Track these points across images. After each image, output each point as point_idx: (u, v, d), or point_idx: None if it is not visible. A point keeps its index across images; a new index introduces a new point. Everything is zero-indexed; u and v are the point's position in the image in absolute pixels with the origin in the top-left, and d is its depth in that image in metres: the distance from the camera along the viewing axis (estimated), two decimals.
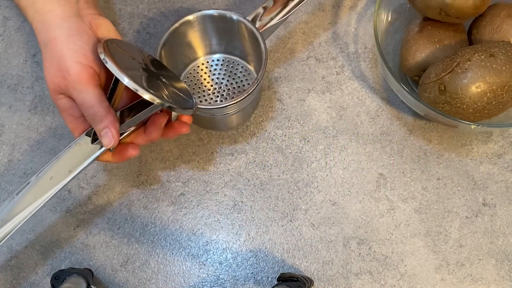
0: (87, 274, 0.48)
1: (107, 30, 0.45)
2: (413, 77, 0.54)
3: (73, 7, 0.44)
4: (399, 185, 0.53)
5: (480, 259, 0.50)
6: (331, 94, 0.57)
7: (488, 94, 0.46)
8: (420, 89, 0.50)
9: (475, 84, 0.46)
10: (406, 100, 0.51)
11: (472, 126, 0.47)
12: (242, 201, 0.53)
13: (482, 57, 0.46)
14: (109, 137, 0.41)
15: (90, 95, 0.41)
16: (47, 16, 0.43)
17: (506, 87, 0.46)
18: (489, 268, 0.50)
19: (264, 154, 0.55)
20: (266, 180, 0.53)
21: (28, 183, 0.42)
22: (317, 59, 0.58)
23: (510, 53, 0.46)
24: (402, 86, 0.48)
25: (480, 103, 0.46)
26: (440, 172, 0.54)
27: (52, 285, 0.46)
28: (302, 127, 0.56)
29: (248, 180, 0.54)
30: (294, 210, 0.52)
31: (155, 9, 0.61)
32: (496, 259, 0.50)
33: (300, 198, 0.53)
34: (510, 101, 0.47)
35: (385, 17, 0.55)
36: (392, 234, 0.51)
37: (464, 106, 0.47)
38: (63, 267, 0.50)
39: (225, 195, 0.53)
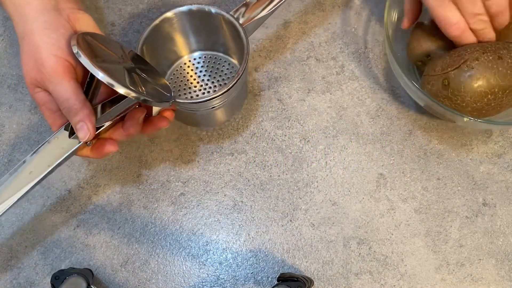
0: (87, 274, 0.48)
1: (86, 24, 0.45)
2: (417, 62, 0.54)
3: (51, 0, 0.44)
4: (399, 185, 0.53)
5: (480, 259, 0.50)
6: (331, 94, 0.57)
7: (489, 96, 0.46)
8: (424, 80, 0.50)
9: (478, 84, 0.46)
10: (407, 88, 0.52)
11: (465, 119, 0.47)
12: (242, 201, 0.53)
13: (490, 58, 0.46)
14: (84, 130, 0.40)
15: (65, 88, 0.41)
16: (25, 9, 0.43)
17: (507, 91, 0.46)
18: (489, 268, 0.50)
19: (264, 154, 0.55)
20: (266, 180, 0.53)
21: (7, 178, 0.42)
22: (317, 59, 0.58)
23: None
24: (405, 76, 0.48)
25: (479, 103, 0.47)
26: (440, 172, 0.54)
27: (52, 285, 0.46)
28: (302, 127, 0.56)
29: (248, 180, 0.54)
30: (294, 210, 0.52)
31: (155, 9, 0.61)
32: (496, 259, 0.50)
33: (300, 198, 0.53)
34: (508, 104, 0.48)
35: (394, 14, 0.55)
36: (392, 234, 0.51)
37: (464, 104, 0.47)
38: (63, 267, 0.50)
39: (225, 195, 0.53)
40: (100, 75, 0.38)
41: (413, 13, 0.53)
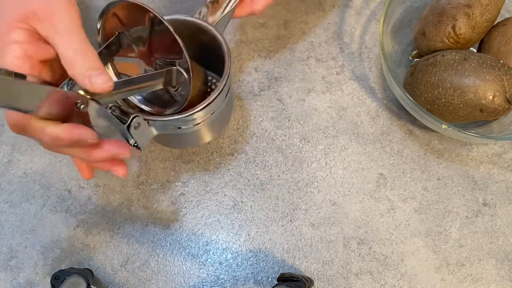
0: (87, 274, 0.48)
1: None
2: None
3: None
4: (399, 185, 0.53)
5: (480, 259, 0.50)
6: (331, 94, 0.57)
7: (440, 90, 0.48)
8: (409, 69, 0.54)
9: (431, 74, 0.49)
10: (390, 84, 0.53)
11: (443, 126, 0.48)
12: (242, 201, 0.53)
13: (456, 57, 0.48)
14: (103, 77, 0.34)
15: (78, 38, 0.35)
16: None
17: (459, 91, 0.47)
18: (489, 268, 0.50)
19: (264, 154, 0.55)
20: (266, 180, 0.53)
21: None
22: (317, 59, 0.58)
23: (485, 65, 0.47)
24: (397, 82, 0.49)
25: (430, 94, 0.49)
26: (440, 172, 0.54)
27: (52, 285, 0.46)
28: (302, 127, 0.56)
29: (248, 180, 0.54)
30: (294, 210, 0.52)
31: (155, 9, 0.61)
32: (496, 259, 0.50)
33: (300, 198, 0.53)
34: (462, 108, 0.48)
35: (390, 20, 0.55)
36: (392, 234, 0.51)
37: (418, 92, 0.50)
38: (63, 267, 0.50)
39: (225, 195, 0.53)
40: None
41: None
